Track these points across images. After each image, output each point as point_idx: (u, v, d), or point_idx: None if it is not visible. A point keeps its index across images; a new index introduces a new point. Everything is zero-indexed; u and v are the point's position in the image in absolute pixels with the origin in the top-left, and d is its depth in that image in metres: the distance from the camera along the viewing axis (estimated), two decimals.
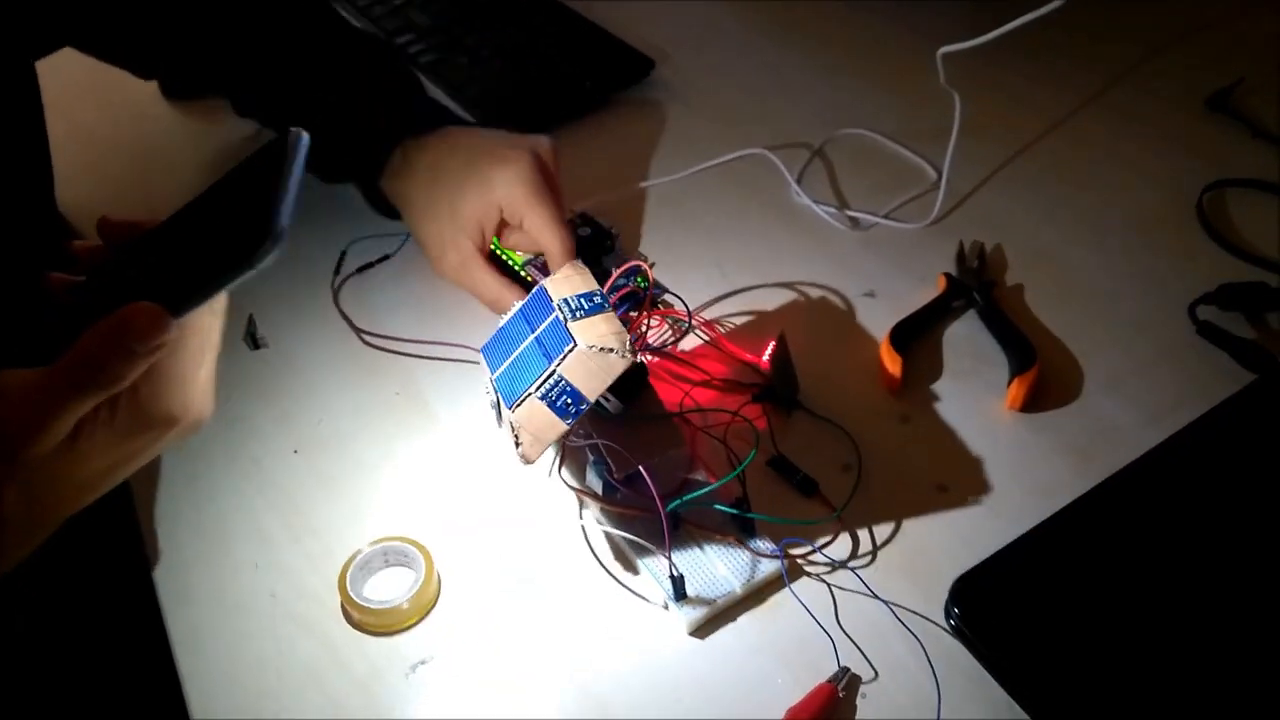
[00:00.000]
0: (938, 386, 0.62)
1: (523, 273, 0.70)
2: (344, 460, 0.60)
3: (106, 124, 0.87)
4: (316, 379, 0.65)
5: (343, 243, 0.74)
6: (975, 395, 0.61)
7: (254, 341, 0.68)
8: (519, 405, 0.48)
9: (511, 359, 0.50)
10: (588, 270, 0.52)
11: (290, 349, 0.67)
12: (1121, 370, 0.62)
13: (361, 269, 0.72)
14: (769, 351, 0.60)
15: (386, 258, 0.73)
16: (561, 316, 0.48)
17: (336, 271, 0.72)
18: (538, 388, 0.48)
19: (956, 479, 0.56)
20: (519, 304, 0.52)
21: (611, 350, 0.47)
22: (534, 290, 0.52)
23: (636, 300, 0.56)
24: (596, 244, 0.72)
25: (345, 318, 0.68)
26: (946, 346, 0.64)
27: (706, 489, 0.52)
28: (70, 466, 0.39)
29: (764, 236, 0.73)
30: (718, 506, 0.52)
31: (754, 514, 0.52)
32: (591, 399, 0.48)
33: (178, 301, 0.37)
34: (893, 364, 0.61)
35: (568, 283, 0.51)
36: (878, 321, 0.66)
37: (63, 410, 0.37)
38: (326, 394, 0.64)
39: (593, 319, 0.48)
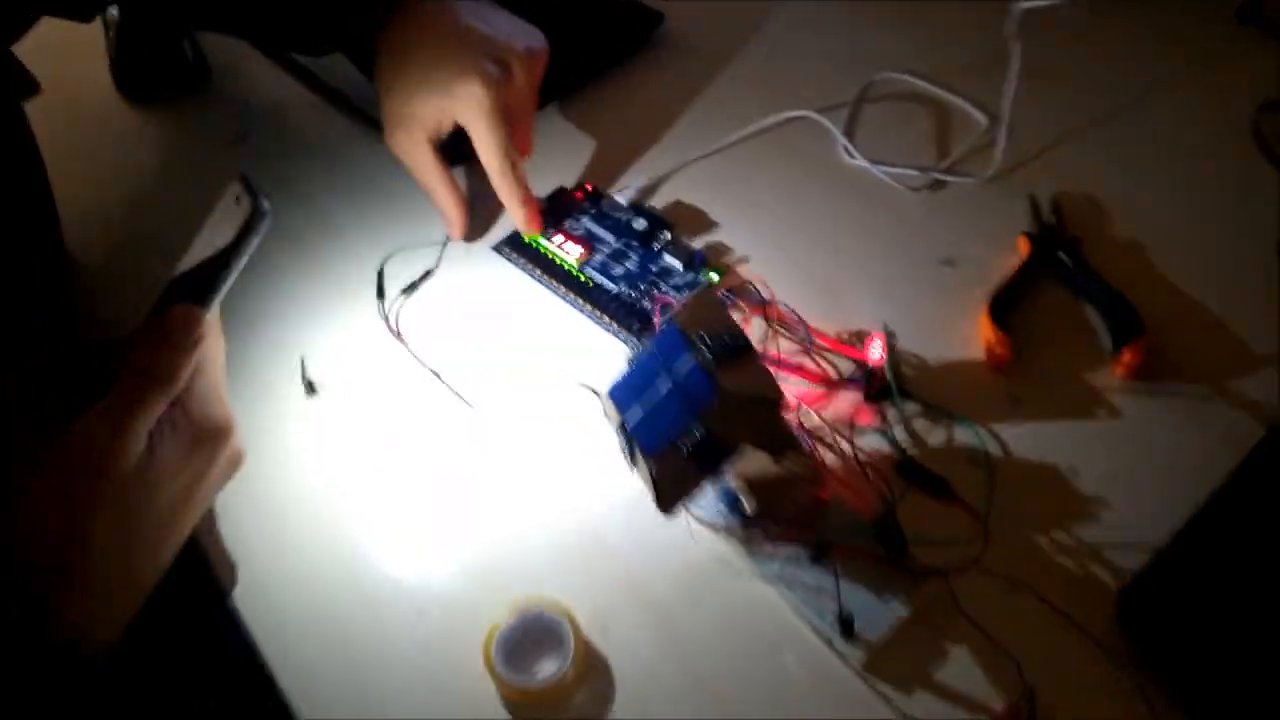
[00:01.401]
0: (1040, 360, 0.60)
1: (581, 277, 0.66)
2: (443, 508, 0.56)
3: (66, 129, 0.79)
4: (385, 418, 0.61)
5: (373, 262, 0.68)
6: (1082, 367, 0.59)
7: (310, 386, 0.63)
8: (659, 456, 0.45)
9: (647, 404, 0.46)
10: (718, 298, 0.49)
11: (349, 388, 0.63)
12: (1222, 324, 0.61)
13: (407, 290, 0.67)
14: (880, 347, 0.57)
15: (429, 274, 0.68)
16: (702, 362, 0.45)
17: (380, 295, 0.67)
18: (680, 438, 0.45)
19: (1085, 461, 0.55)
20: (649, 341, 0.48)
21: (762, 401, 0.44)
22: (664, 326, 0.48)
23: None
24: (652, 236, 0.67)
25: (404, 344, 0.64)
26: (1041, 314, 0.62)
27: (858, 522, 0.50)
28: (152, 485, 0.43)
29: (822, 207, 0.70)
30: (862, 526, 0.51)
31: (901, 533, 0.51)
32: (739, 452, 0.45)
33: (201, 295, 0.45)
34: (998, 341, 0.59)
35: (700, 317, 0.47)
36: (964, 293, 0.63)
37: (135, 416, 0.42)
38: (400, 433, 0.60)
39: (737, 363, 0.45)
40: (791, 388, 0.57)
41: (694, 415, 0.44)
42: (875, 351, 0.57)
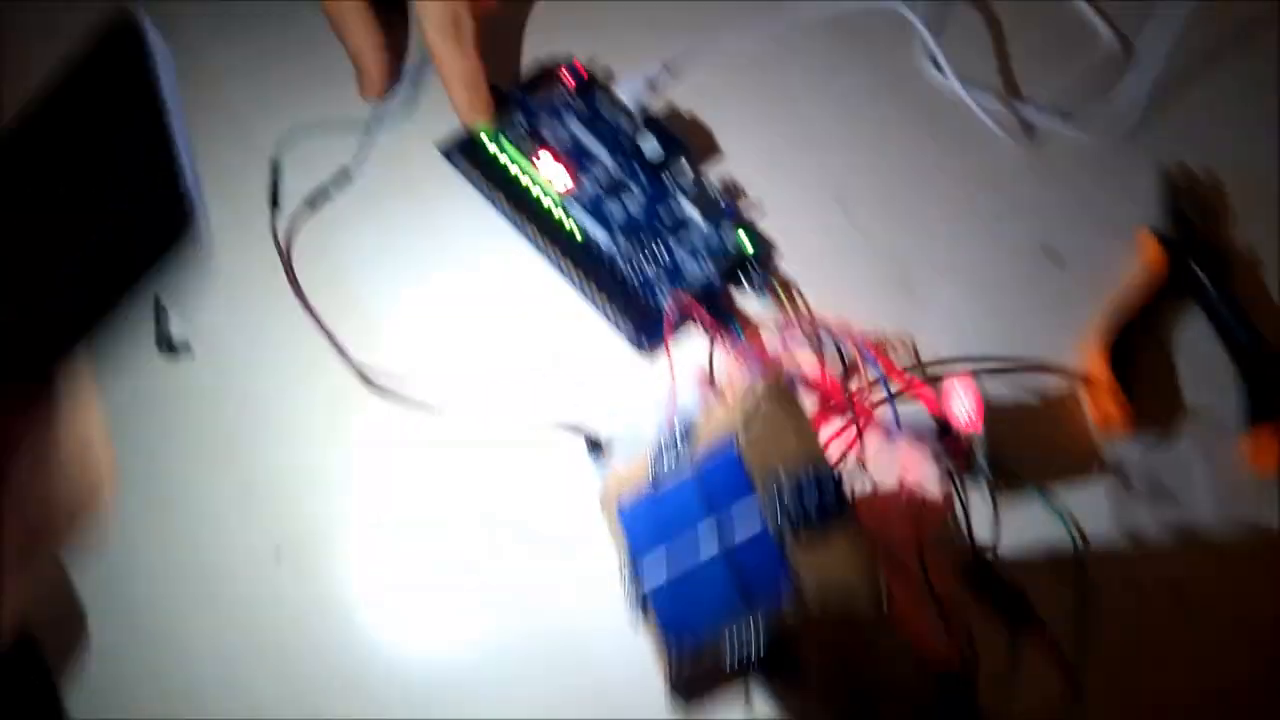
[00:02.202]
0: (1155, 418, 0.46)
1: (565, 222, 0.47)
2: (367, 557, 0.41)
3: None
4: (278, 398, 0.44)
5: (265, 149, 0.49)
6: (1209, 437, 0.45)
7: (169, 345, 0.45)
8: (696, 656, 0.30)
9: (678, 561, 0.31)
10: (800, 408, 0.32)
11: (230, 351, 0.45)
12: None
13: (312, 201, 0.48)
14: (969, 402, 0.42)
15: (346, 176, 0.49)
16: (776, 532, 0.29)
17: (274, 204, 0.48)
18: (728, 642, 0.29)
19: (1203, 590, 0.42)
20: (686, 471, 0.32)
21: (857, 598, 0.29)
22: (718, 449, 0.31)
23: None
24: (664, 165, 0.49)
25: (306, 304, 0.45)
26: (1161, 347, 0.47)
27: (916, 670, 0.37)
28: None
29: (892, 144, 0.52)
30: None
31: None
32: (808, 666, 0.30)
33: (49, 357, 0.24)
34: (1116, 403, 0.44)
35: (773, 441, 0.30)
36: (1071, 305, 0.47)
37: None
38: (304, 433, 0.44)
39: (824, 537, 0.29)
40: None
41: (749, 606, 0.29)
42: (961, 406, 0.42)
